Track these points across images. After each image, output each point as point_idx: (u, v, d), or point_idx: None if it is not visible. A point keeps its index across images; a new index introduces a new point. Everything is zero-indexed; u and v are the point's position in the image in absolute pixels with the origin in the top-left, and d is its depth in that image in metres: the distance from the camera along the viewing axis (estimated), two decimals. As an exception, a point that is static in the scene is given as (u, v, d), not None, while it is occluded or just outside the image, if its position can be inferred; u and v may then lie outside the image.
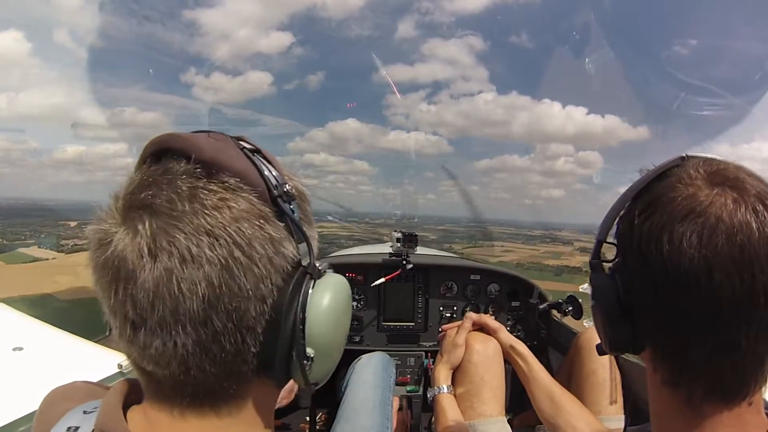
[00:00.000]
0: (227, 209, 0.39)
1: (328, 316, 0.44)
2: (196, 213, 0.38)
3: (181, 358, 0.39)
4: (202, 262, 0.38)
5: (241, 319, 0.40)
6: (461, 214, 56.91)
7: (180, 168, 0.41)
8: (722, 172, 0.49)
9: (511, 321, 1.83)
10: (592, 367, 1.25)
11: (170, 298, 0.38)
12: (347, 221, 2.81)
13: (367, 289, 1.79)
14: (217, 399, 0.43)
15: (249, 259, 0.39)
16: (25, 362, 1.61)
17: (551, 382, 1.17)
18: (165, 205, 0.39)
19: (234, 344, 0.40)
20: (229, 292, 0.39)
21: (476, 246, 46.35)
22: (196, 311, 0.38)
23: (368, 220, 2.46)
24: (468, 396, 1.19)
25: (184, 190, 0.39)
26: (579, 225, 52.91)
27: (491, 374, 1.21)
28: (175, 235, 0.38)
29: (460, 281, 1.86)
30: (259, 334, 0.41)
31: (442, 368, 1.25)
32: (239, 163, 0.42)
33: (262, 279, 0.40)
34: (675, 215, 0.48)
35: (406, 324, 1.83)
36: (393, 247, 1.77)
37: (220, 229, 0.39)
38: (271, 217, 0.42)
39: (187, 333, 0.39)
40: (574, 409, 1.10)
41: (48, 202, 54.77)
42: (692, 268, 0.46)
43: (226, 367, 0.41)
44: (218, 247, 0.38)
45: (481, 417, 1.15)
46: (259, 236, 0.40)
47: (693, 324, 0.48)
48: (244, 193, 0.41)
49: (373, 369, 1.40)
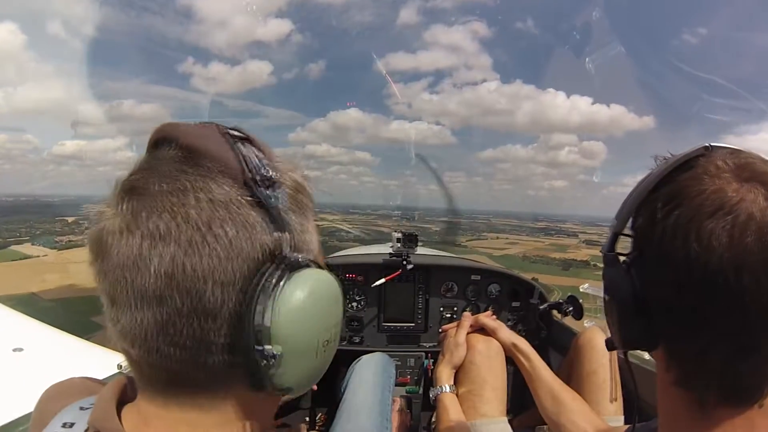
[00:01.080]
0: (200, 191, 0.40)
1: (300, 312, 0.41)
2: (170, 193, 0.39)
3: (144, 335, 0.40)
4: (167, 241, 0.38)
5: (197, 302, 0.39)
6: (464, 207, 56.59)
7: (166, 153, 0.42)
8: (751, 166, 0.47)
9: (512, 321, 1.83)
10: (592, 367, 1.25)
11: (133, 273, 0.39)
12: (349, 213, 2.79)
13: (367, 289, 1.79)
14: (193, 390, 0.42)
15: (210, 241, 0.39)
16: (24, 362, 1.61)
17: (554, 380, 1.16)
18: (144, 187, 0.40)
19: (192, 328, 0.39)
20: (186, 272, 0.38)
21: (480, 239, 45.85)
22: (155, 288, 0.38)
23: (370, 212, 2.43)
24: (470, 396, 1.19)
25: (163, 172, 0.41)
26: (582, 216, 52.00)
27: (493, 374, 1.21)
28: (147, 214, 0.39)
29: (461, 281, 1.86)
30: (222, 323, 0.40)
31: (444, 368, 1.25)
32: (218, 149, 0.42)
33: (223, 263, 0.39)
34: (703, 210, 0.45)
35: (407, 324, 1.83)
36: (393, 247, 1.77)
37: (187, 209, 0.39)
38: (246, 204, 0.41)
39: (148, 309, 0.39)
40: (576, 407, 1.10)
41: (49, 198, 54.66)
42: (721, 267, 0.43)
43: (188, 353, 0.40)
44: (183, 226, 0.39)
45: (483, 417, 1.15)
46: (225, 220, 0.39)
47: (715, 326, 0.45)
48: (220, 177, 0.41)
49: (373, 369, 1.40)
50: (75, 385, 0.56)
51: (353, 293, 1.80)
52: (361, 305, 1.82)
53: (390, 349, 1.77)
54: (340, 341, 0.48)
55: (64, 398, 0.51)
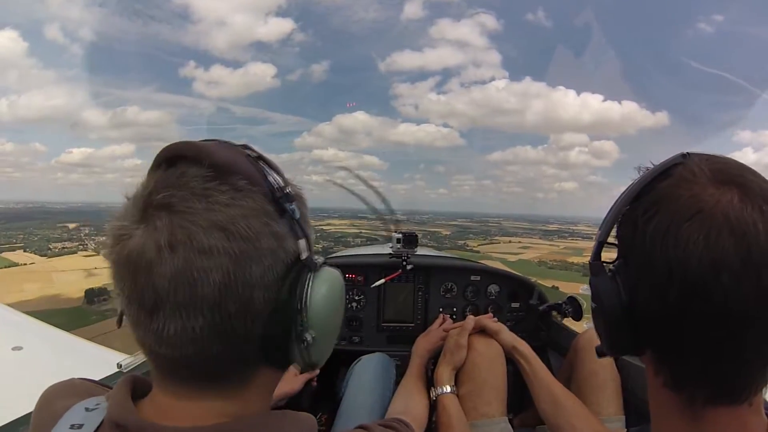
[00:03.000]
0: (237, 207, 0.44)
1: (326, 303, 0.48)
2: (210, 210, 0.43)
3: (195, 339, 0.43)
4: (216, 253, 0.42)
5: (249, 305, 0.44)
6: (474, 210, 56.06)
7: (193, 171, 0.45)
8: (726, 170, 0.49)
9: (511, 322, 1.83)
10: (592, 368, 1.25)
11: (188, 284, 0.42)
12: (357, 218, 2.80)
13: (367, 289, 1.79)
14: (224, 380, 0.47)
15: (257, 251, 0.44)
16: (24, 362, 1.61)
17: (553, 383, 1.17)
18: (181, 204, 0.43)
19: (242, 328, 0.44)
20: (239, 280, 0.43)
21: (492, 243, 45.08)
22: (210, 296, 0.42)
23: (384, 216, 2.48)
24: (470, 397, 1.19)
25: (198, 190, 0.44)
26: (594, 218, 51.17)
27: (494, 375, 1.21)
28: (192, 229, 0.42)
29: (460, 282, 1.86)
30: (265, 320, 0.45)
31: (446, 369, 1.25)
32: (246, 167, 0.47)
33: (268, 269, 0.45)
34: (680, 215, 0.47)
35: (406, 324, 1.83)
36: (393, 247, 1.77)
37: (231, 224, 0.43)
38: (275, 216, 0.46)
39: (203, 316, 0.43)
40: (575, 409, 1.10)
41: (56, 206, 54.63)
42: (700, 269, 0.45)
43: (235, 349, 0.45)
44: (230, 240, 0.43)
45: (484, 417, 1.15)
46: (265, 232, 0.45)
47: (699, 326, 0.47)
48: (252, 193, 0.45)
49: (372, 370, 1.40)
50: (75, 386, 0.57)
51: (353, 293, 1.80)
52: (360, 305, 1.82)
53: (389, 349, 1.76)
54: (339, 341, 0.54)
55: (66, 399, 0.52)
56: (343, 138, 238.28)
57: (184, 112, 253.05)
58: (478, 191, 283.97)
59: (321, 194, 1.65)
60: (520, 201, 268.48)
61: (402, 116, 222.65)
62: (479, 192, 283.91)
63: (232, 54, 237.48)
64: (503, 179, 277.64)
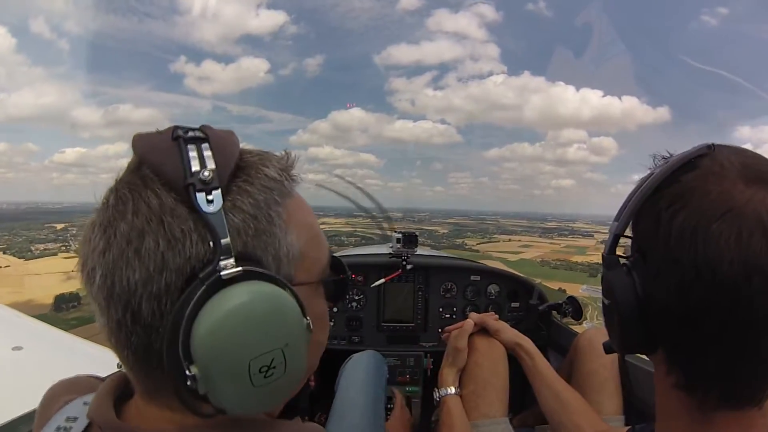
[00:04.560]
0: (140, 202, 0.40)
1: (218, 333, 0.37)
2: (114, 206, 0.41)
3: (108, 338, 0.42)
4: (105, 255, 0.40)
5: (136, 315, 0.39)
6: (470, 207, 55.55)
7: (129, 164, 0.44)
8: (757, 166, 0.46)
9: (511, 322, 1.83)
10: (592, 368, 1.25)
11: (87, 284, 0.41)
12: (352, 216, 2.80)
13: (366, 289, 1.79)
14: (162, 395, 0.43)
15: (142, 255, 0.38)
16: (24, 361, 1.61)
17: (557, 380, 1.17)
18: (107, 199, 0.42)
19: (138, 337, 0.40)
20: (121, 285, 0.39)
21: (491, 241, 44.14)
22: (99, 299, 0.41)
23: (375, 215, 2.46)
24: (472, 396, 1.19)
25: (120, 185, 0.42)
26: (591, 216, 47.79)
27: (495, 375, 1.21)
28: (98, 227, 0.41)
29: (460, 282, 1.86)
30: (164, 334, 0.38)
31: (449, 370, 1.25)
32: (161, 157, 0.41)
33: (154, 276, 0.38)
34: (710, 212, 0.44)
35: (406, 324, 1.83)
36: (393, 247, 1.77)
37: (120, 222, 0.40)
38: (182, 212, 0.39)
39: (101, 316, 0.42)
40: (578, 407, 1.10)
41: (52, 206, 54.20)
42: (730, 270, 0.43)
43: (140, 358, 0.41)
44: (116, 241, 0.39)
45: (485, 417, 1.15)
46: (157, 232, 0.38)
47: (720, 328, 0.45)
48: (155, 185, 0.40)
49: (364, 368, 1.39)
50: (80, 382, 0.57)
51: (353, 293, 1.80)
52: (360, 305, 1.82)
53: (389, 348, 1.77)
54: (339, 341, 0.49)
55: (69, 394, 0.52)
56: (339, 135, 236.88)
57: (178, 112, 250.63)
58: (475, 189, 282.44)
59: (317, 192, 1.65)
60: (516, 198, 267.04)
61: (398, 112, 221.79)
62: (476, 189, 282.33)
63: (223, 47, 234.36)
64: (500, 176, 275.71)
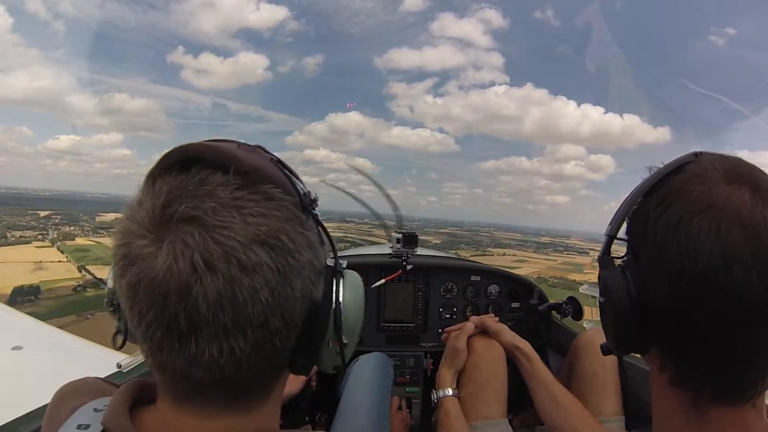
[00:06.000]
0: (273, 218, 0.41)
1: (356, 306, 0.50)
2: (246, 223, 0.39)
3: (237, 360, 0.41)
4: (260, 270, 0.39)
5: (291, 319, 0.43)
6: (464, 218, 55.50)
7: (217, 179, 0.41)
8: (738, 169, 0.49)
9: (512, 322, 1.83)
10: (592, 369, 1.25)
11: (233, 306, 0.39)
12: (344, 221, 2.81)
13: (367, 289, 1.79)
14: (252, 395, 0.46)
15: (298, 263, 0.43)
16: (24, 362, 1.61)
17: (554, 383, 1.16)
18: (211, 216, 0.39)
19: (282, 342, 0.44)
20: (282, 295, 0.41)
21: (485, 254, 43.81)
22: (257, 315, 0.40)
23: (367, 221, 2.46)
24: (471, 398, 1.19)
25: (228, 200, 0.40)
26: (584, 233, 49.28)
27: (494, 377, 1.21)
28: (229, 244, 0.38)
29: (460, 282, 1.86)
30: (299, 330, 0.45)
31: (447, 372, 1.25)
32: (274, 173, 0.44)
33: (307, 280, 0.44)
34: (692, 209, 0.47)
35: (406, 324, 1.83)
36: (393, 248, 1.77)
37: (272, 237, 0.40)
38: (306, 224, 0.45)
39: (247, 337, 0.40)
40: (575, 411, 1.10)
41: (43, 193, 53.68)
42: (711, 261, 0.45)
43: (272, 363, 0.45)
44: (273, 254, 0.40)
45: (484, 419, 1.15)
46: (302, 242, 0.44)
47: (709, 321, 0.47)
48: (284, 202, 0.43)
49: (370, 369, 1.39)
50: (89, 385, 0.57)
51: None
52: None
53: (389, 349, 1.77)
54: None
55: (78, 398, 0.52)
56: (335, 138, 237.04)
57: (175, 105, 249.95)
58: (469, 200, 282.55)
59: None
60: (509, 212, 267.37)
61: (396, 118, 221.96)
62: (469, 201, 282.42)
63: (221, 40, 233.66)
64: (495, 188, 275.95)
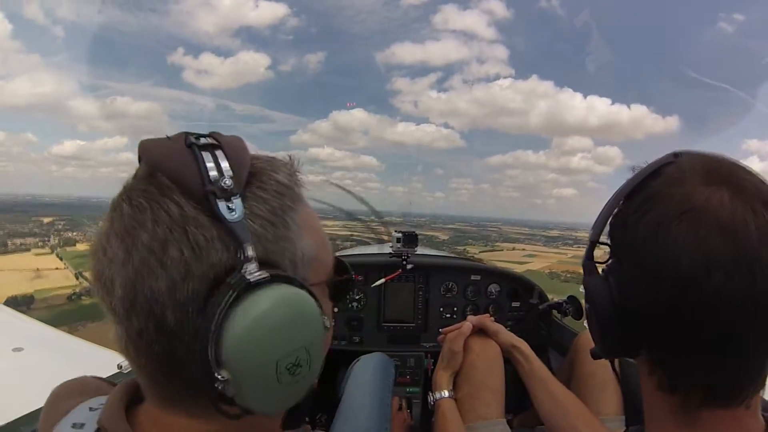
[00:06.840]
0: (159, 211, 0.39)
1: (248, 336, 0.38)
2: (132, 216, 0.40)
3: (124, 347, 0.42)
4: (125, 265, 0.39)
5: (160, 323, 0.39)
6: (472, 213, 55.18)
7: (139, 172, 0.43)
8: (718, 170, 0.49)
9: (512, 321, 1.83)
10: (591, 368, 1.25)
11: (104, 293, 0.41)
12: (351, 220, 2.81)
13: (367, 289, 1.79)
14: (181, 400, 0.43)
15: (165, 263, 0.38)
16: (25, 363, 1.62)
17: (553, 382, 1.16)
18: (119, 207, 0.41)
19: (161, 345, 0.40)
20: (144, 294, 0.39)
21: (494, 249, 42.86)
22: (120, 308, 0.40)
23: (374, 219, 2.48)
24: (468, 399, 1.18)
25: (133, 193, 0.41)
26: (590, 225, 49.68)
27: (492, 377, 1.21)
28: (114, 236, 0.40)
29: (461, 281, 1.86)
30: (188, 342, 0.39)
31: (443, 373, 1.25)
32: (177, 164, 0.41)
33: (176, 285, 0.38)
34: (671, 213, 0.47)
35: (406, 324, 1.83)
36: (393, 247, 1.77)
37: (141, 232, 0.39)
38: (203, 220, 0.39)
39: (121, 324, 0.41)
40: (575, 410, 1.10)
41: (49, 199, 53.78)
42: (691, 266, 0.44)
43: (162, 366, 0.41)
44: (137, 250, 0.39)
45: (481, 419, 1.14)
46: (180, 240, 0.39)
47: (692, 326, 0.46)
48: (174, 193, 0.40)
49: (371, 370, 1.39)
50: (86, 384, 0.57)
51: (353, 293, 1.80)
52: (360, 305, 1.82)
53: (390, 349, 1.77)
54: (339, 341, 0.50)
55: (75, 397, 0.52)
56: (340, 136, 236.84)
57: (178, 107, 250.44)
58: (476, 195, 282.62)
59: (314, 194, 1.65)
60: (516, 206, 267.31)
61: (401, 114, 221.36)
62: (477, 196, 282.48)
63: (221, 39, 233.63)
64: (501, 183, 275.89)
